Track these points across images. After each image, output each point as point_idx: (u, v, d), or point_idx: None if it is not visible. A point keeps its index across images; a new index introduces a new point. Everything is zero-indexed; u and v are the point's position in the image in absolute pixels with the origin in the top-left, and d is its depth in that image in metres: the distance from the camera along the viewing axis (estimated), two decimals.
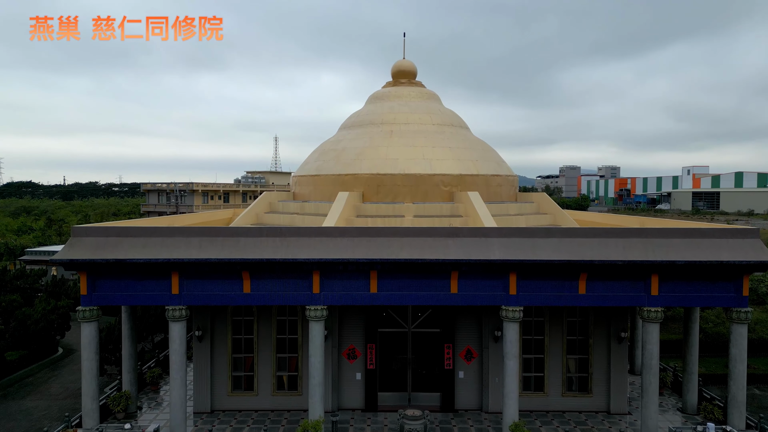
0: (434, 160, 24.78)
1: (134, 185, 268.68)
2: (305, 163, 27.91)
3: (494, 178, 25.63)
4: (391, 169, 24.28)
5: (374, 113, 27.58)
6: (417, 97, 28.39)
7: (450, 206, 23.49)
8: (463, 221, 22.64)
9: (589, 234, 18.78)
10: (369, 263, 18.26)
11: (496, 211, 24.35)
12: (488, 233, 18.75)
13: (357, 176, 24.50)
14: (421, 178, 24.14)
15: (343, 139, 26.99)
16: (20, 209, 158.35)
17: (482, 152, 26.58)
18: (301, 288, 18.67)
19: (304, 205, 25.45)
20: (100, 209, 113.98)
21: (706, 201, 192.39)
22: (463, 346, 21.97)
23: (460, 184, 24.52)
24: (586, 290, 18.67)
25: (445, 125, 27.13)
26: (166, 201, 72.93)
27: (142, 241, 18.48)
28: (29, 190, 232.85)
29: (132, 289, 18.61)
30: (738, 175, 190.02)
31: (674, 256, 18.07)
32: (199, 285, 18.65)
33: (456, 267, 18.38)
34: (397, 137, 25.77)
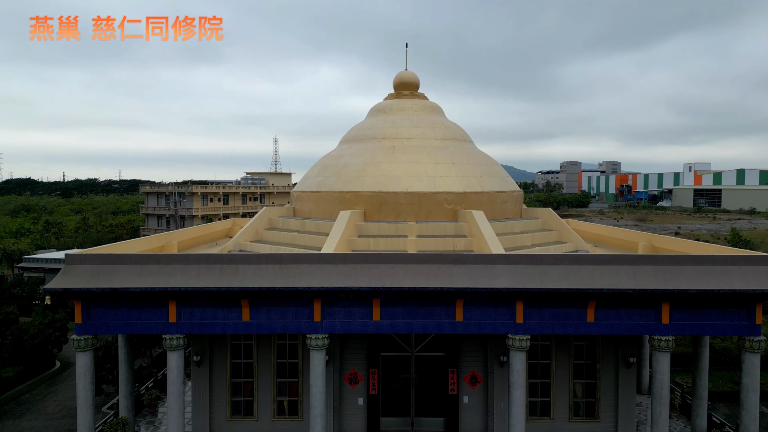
0: (438, 177, 24.21)
1: (134, 182, 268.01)
2: (306, 178, 27.34)
3: (499, 194, 25.07)
4: (394, 187, 23.72)
5: (376, 127, 26.98)
6: (420, 110, 27.78)
7: (454, 226, 22.94)
8: (468, 242, 22.11)
9: (598, 261, 18.26)
10: (372, 291, 17.75)
11: (501, 229, 23.80)
12: (494, 260, 18.22)
13: (359, 194, 23.93)
14: (425, 196, 23.57)
15: (344, 154, 26.41)
16: (19, 207, 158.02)
17: (486, 168, 26.01)
18: (302, 316, 18.17)
19: (304, 222, 24.90)
20: (99, 208, 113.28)
21: (707, 198, 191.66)
22: (467, 371, 21.48)
23: (464, 201, 23.95)
24: (595, 318, 18.18)
25: (448, 139, 26.55)
26: (165, 203, 72.34)
27: (138, 269, 17.96)
28: (29, 188, 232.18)
29: (128, 318, 18.10)
30: (740, 172, 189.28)
31: (686, 285, 17.57)
32: (197, 313, 18.15)
33: (461, 295, 17.87)
34: (399, 153, 25.19)
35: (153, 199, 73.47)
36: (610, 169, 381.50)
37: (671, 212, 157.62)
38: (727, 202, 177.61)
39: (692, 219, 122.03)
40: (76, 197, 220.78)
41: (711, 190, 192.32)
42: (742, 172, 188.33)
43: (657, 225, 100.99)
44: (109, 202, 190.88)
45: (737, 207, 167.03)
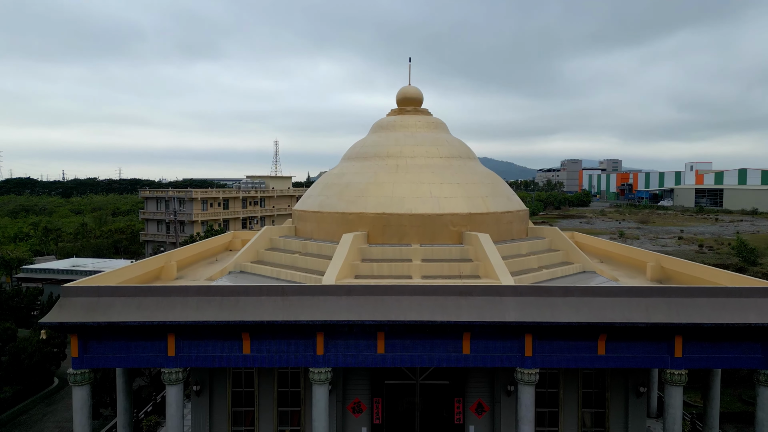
0: (442, 197, 23.69)
1: (133, 180, 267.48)
2: (307, 196, 26.82)
3: (504, 215, 24.54)
4: (398, 209, 23.20)
5: (379, 145, 26.44)
6: (423, 127, 27.23)
7: (459, 249, 22.41)
8: (474, 266, 21.59)
9: (609, 293, 17.76)
10: (376, 325, 17.26)
11: (507, 251, 23.31)
12: (502, 292, 17.73)
13: (362, 215, 23.41)
14: (429, 218, 23.05)
15: (346, 173, 25.87)
16: (18, 207, 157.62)
17: (492, 187, 25.48)
18: (304, 349, 17.69)
19: (306, 243, 24.38)
20: (98, 210, 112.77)
21: (709, 198, 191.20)
22: (473, 400, 21.01)
23: (470, 223, 23.43)
24: (606, 351, 17.71)
25: (453, 158, 26.01)
26: (165, 208, 71.79)
27: (136, 302, 17.46)
28: (28, 187, 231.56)
29: (126, 351, 17.61)
30: (741, 171, 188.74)
31: (699, 318, 17.08)
32: (197, 346, 17.66)
33: (468, 328, 17.39)
34: (403, 172, 24.66)
35: (152, 204, 72.92)
36: (610, 167, 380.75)
37: (673, 212, 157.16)
38: (729, 202, 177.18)
39: (694, 220, 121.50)
40: (75, 197, 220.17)
41: (712, 189, 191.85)
42: (744, 172, 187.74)
43: (659, 228, 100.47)
44: (109, 202, 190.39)
45: (739, 207, 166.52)
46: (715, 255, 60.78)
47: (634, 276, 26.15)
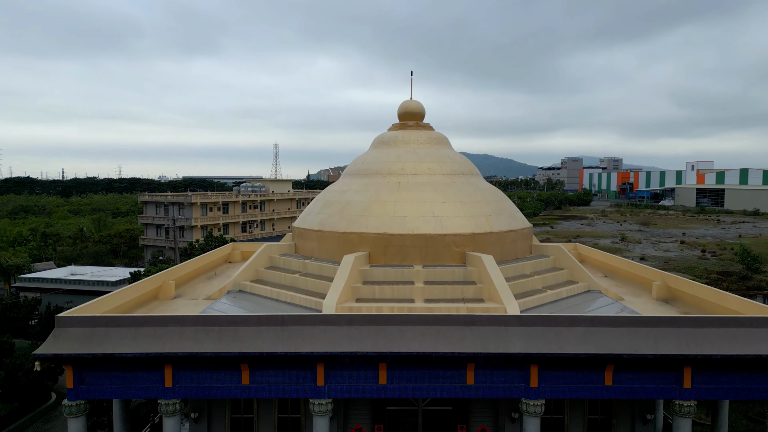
0: (445, 217, 23.26)
1: (133, 180, 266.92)
2: (307, 213, 26.37)
3: (508, 234, 24.12)
4: (400, 229, 22.77)
5: (380, 161, 25.99)
6: (425, 143, 26.78)
7: (463, 271, 21.99)
8: (477, 289, 21.17)
9: (617, 323, 17.34)
10: (378, 356, 16.85)
11: (512, 273, 22.92)
12: (508, 321, 17.32)
13: (363, 235, 22.99)
14: (432, 238, 22.63)
15: (348, 190, 25.44)
16: (18, 208, 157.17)
17: (495, 204, 25.04)
18: (305, 380, 17.29)
19: (306, 263, 23.95)
20: (98, 213, 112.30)
21: (710, 198, 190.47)
22: (477, 426, 20.60)
23: (473, 243, 23.01)
24: (612, 382, 17.30)
25: (455, 174, 25.57)
26: (164, 213, 71.34)
27: (132, 332, 17.05)
28: (27, 186, 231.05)
29: (122, 382, 17.21)
30: (743, 171, 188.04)
31: (709, 350, 16.67)
32: (195, 377, 17.25)
33: (473, 359, 16.98)
34: (405, 190, 24.22)
35: (151, 209, 72.47)
36: (611, 166, 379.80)
37: (674, 212, 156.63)
38: (730, 202, 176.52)
39: (696, 222, 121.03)
40: (75, 196, 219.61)
41: (714, 189, 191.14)
42: (745, 172, 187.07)
43: (661, 230, 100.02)
44: (108, 202, 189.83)
45: (740, 207, 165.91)
46: (718, 261, 60.36)
47: (640, 294, 25.75)
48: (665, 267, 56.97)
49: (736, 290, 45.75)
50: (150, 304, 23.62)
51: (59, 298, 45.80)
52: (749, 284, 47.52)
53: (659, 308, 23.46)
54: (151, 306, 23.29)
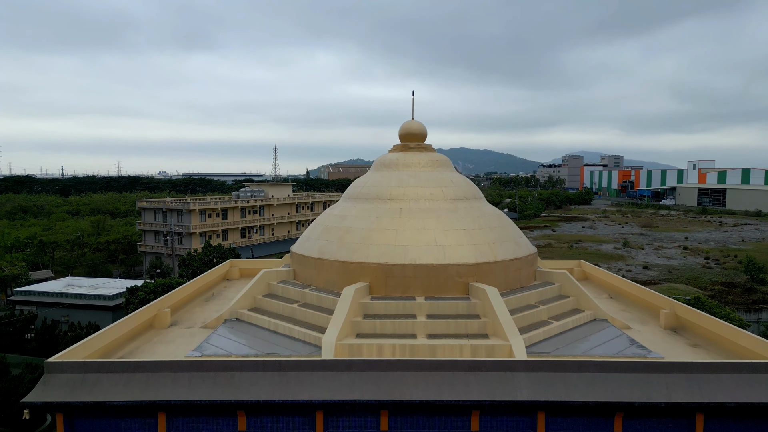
0: (448, 246, 22.63)
1: (132, 179, 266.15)
2: (306, 238, 25.71)
3: (512, 263, 23.49)
4: (401, 259, 22.14)
5: (381, 185, 25.34)
6: (427, 166, 26.12)
7: (466, 304, 21.37)
8: (481, 324, 20.57)
9: (627, 368, 16.73)
10: (379, 404, 16.25)
11: (516, 304, 22.32)
12: (514, 367, 16.71)
13: (364, 265, 22.37)
14: (435, 269, 22.00)
15: (347, 215, 24.79)
16: (17, 208, 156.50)
17: (499, 231, 24.40)
18: (304, 426, 16.69)
19: (305, 293, 23.33)
20: (96, 216, 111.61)
21: (712, 197, 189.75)
22: None
23: (477, 273, 22.40)
24: (622, 429, 16.69)
25: (458, 200, 24.91)
26: (162, 219, 70.70)
27: (125, 378, 16.45)
28: (26, 185, 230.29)
29: (114, 430, 16.61)
30: (745, 171, 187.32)
31: (723, 398, 16.08)
32: (189, 424, 16.66)
33: (478, 407, 16.38)
34: (406, 217, 23.58)
35: (150, 215, 71.82)
36: (612, 163, 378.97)
37: (675, 213, 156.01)
38: (732, 202, 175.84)
39: (698, 224, 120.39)
40: (74, 195, 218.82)
41: (715, 189, 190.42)
42: (747, 172, 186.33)
43: (663, 234, 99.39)
44: (107, 201, 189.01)
45: (742, 207, 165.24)
46: (722, 271, 59.74)
47: (647, 321, 25.16)
48: (669, 277, 56.41)
49: (741, 304, 45.18)
50: (145, 334, 23.06)
51: (56, 312, 45.23)
52: (754, 297, 46.93)
53: (667, 338, 22.88)
54: (146, 336, 22.73)
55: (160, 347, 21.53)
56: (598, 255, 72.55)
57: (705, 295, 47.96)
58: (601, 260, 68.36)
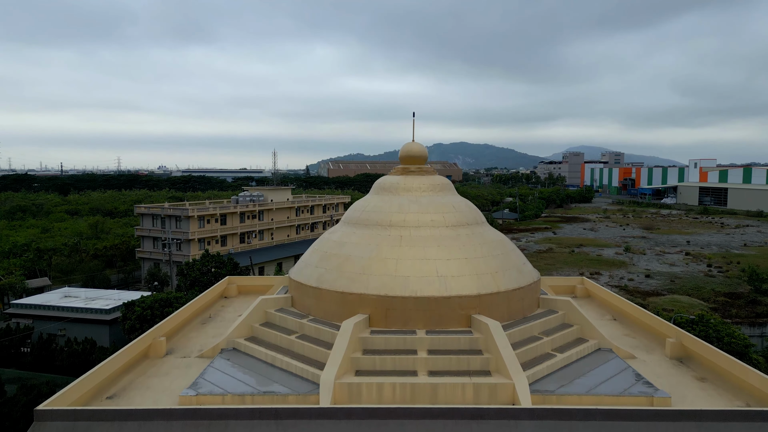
0: (449, 276, 22.09)
1: (131, 176, 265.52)
2: (305, 264, 25.15)
3: (515, 293, 22.96)
4: (402, 291, 21.61)
5: (381, 211, 24.77)
6: (428, 190, 25.55)
7: (469, 339, 20.85)
8: (484, 361, 20.06)
9: (635, 417, 16.22)
10: None
11: (519, 337, 21.82)
12: (518, 415, 16.22)
13: (363, 297, 21.85)
14: (436, 301, 21.48)
15: (347, 242, 24.23)
16: (15, 208, 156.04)
17: (502, 258, 23.85)
18: None
19: (303, 324, 22.80)
20: (95, 217, 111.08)
21: (713, 196, 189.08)
22: None
23: (479, 305, 21.88)
24: None
25: (460, 226, 24.35)
26: (160, 225, 70.16)
27: (116, 427, 15.95)
28: (25, 184, 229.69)
29: None
30: (746, 170, 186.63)
31: None
32: None
33: None
34: (407, 246, 23.04)
35: (148, 221, 71.25)
36: (612, 161, 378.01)
37: (677, 214, 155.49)
38: (734, 201, 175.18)
39: (699, 226, 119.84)
40: (73, 194, 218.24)
41: (717, 188, 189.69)
42: (748, 171, 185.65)
43: (665, 237, 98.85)
44: (107, 200, 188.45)
45: (744, 207, 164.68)
46: (725, 280, 59.22)
47: (652, 349, 24.70)
48: (672, 286, 55.89)
49: (745, 317, 44.70)
50: (141, 364, 22.59)
51: (52, 325, 44.77)
52: (758, 310, 46.44)
53: (673, 371, 22.40)
54: (141, 368, 22.29)
55: (155, 381, 21.07)
56: (600, 261, 72.04)
57: (708, 307, 47.54)
58: (603, 267, 67.87)
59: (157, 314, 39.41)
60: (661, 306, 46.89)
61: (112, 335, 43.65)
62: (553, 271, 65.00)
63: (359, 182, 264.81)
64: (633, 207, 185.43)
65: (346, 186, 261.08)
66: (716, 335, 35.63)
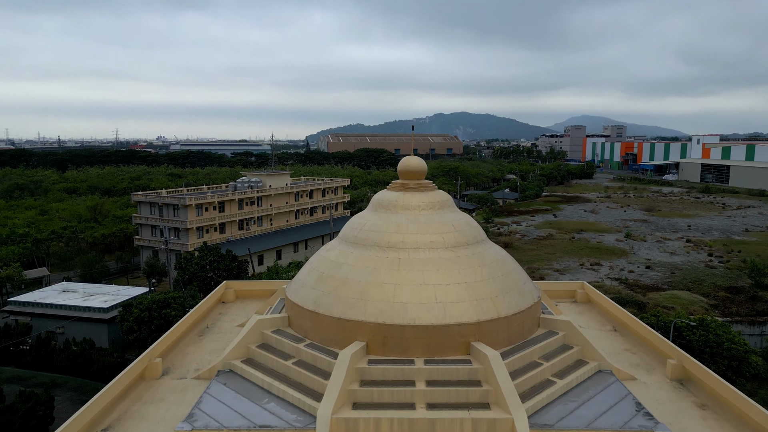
0: (448, 303, 21.69)
1: (130, 151, 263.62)
2: (301, 284, 24.67)
3: (516, 317, 22.60)
4: (400, 318, 21.25)
5: (379, 231, 24.21)
6: (427, 208, 24.92)
7: (467, 370, 20.56)
8: (483, 393, 19.82)
9: None
10: None
11: (519, 364, 21.56)
12: None
13: (361, 324, 21.50)
14: (435, 329, 21.13)
15: (344, 263, 23.76)
16: (14, 186, 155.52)
17: (502, 280, 23.41)
18: None
19: (300, 350, 22.48)
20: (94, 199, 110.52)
21: (715, 174, 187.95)
22: None
23: (479, 332, 21.55)
24: None
25: (459, 247, 23.83)
26: (158, 213, 69.60)
27: None
28: (23, 159, 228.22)
29: None
30: (750, 147, 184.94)
31: None
32: None
33: None
34: (405, 269, 22.57)
35: (146, 209, 70.64)
36: (615, 134, 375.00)
37: (678, 192, 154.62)
38: (736, 179, 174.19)
39: (700, 207, 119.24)
40: (71, 170, 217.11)
41: (719, 165, 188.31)
42: (752, 148, 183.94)
43: (666, 221, 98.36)
44: (105, 177, 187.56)
45: (746, 185, 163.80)
46: (725, 272, 58.94)
47: (653, 369, 24.53)
48: (672, 280, 55.66)
49: (746, 315, 44.56)
50: (135, 389, 22.43)
51: (51, 322, 44.70)
52: (758, 307, 46.28)
53: (674, 395, 22.24)
54: (137, 392, 22.14)
55: (150, 410, 20.90)
56: (600, 250, 71.70)
57: (708, 304, 47.38)
58: (604, 256, 67.59)
59: (155, 316, 39.26)
60: (661, 303, 46.74)
61: (110, 333, 43.62)
62: (552, 261, 64.76)
63: (359, 157, 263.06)
64: (634, 184, 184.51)
65: (345, 161, 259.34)
66: (716, 340, 35.51)
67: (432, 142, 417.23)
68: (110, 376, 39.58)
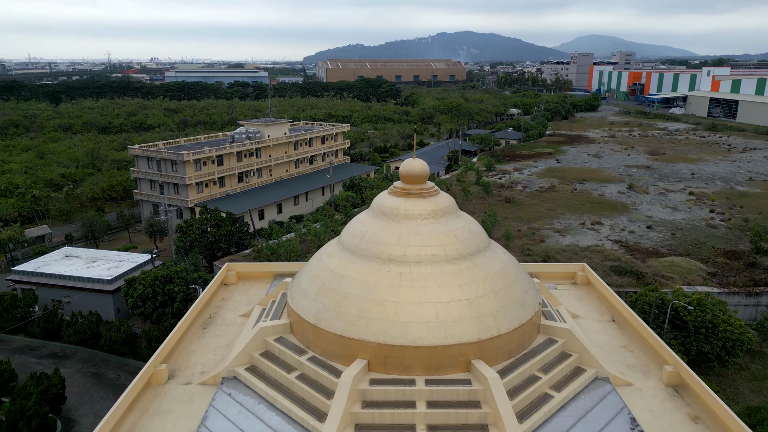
0: (450, 321, 21.77)
1: (124, 82, 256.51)
2: (302, 294, 24.59)
3: (516, 332, 22.76)
4: (401, 339, 21.40)
5: (380, 242, 23.84)
6: (429, 217, 24.39)
7: (467, 391, 20.95)
8: (482, 415, 20.32)
9: None
10: None
11: (518, 380, 21.97)
12: None
13: (362, 343, 21.70)
14: (435, 350, 21.34)
15: (345, 275, 23.60)
16: (8, 123, 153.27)
17: (504, 294, 23.34)
18: None
19: (302, 363, 22.80)
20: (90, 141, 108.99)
21: (723, 108, 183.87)
22: None
23: (479, 351, 21.79)
24: None
25: (461, 258, 23.55)
26: (156, 168, 68.62)
27: None
28: (15, 92, 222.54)
29: None
30: (760, 81, 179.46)
31: None
32: None
33: None
34: (406, 286, 22.46)
35: (143, 163, 69.55)
36: (623, 60, 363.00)
37: (684, 130, 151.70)
38: (743, 115, 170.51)
39: (706, 149, 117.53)
40: (65, 102, 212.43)
41: (727, 100, 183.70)
42: (763, 81, 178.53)
43: (670, 167, 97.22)
44: (100, 111, 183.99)
45: (753, 122, 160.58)
46: (726, 232, 58.90)
47: (649, 372, 25.02)
48: (672, 243, 55.73)
49: (743, 286, 45.00)
50: (142, 398, 22.96)
51: (56, 292, 45.29)
52: (756, 276, 46.62)
53: (668, 404, 22.82)
54: (144, 402, 22.69)
55: (157, 423, 21.50)
56: (602, 204, 71.30)
57: (706, 272, 47.71)
58: (605, 212, 67.34)
59: (158, 292, 39.68)
60: (659, 272, 47.06)
61: (116, 303, 44.31)
62: (554, 219, 64.63)
63: (359, 88, 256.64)
64: (640, 119, 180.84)
65: (345, 92, 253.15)
66: (713, 320, 36.04)
67: (434, 68, 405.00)
68: (118, 351, 40.72)
